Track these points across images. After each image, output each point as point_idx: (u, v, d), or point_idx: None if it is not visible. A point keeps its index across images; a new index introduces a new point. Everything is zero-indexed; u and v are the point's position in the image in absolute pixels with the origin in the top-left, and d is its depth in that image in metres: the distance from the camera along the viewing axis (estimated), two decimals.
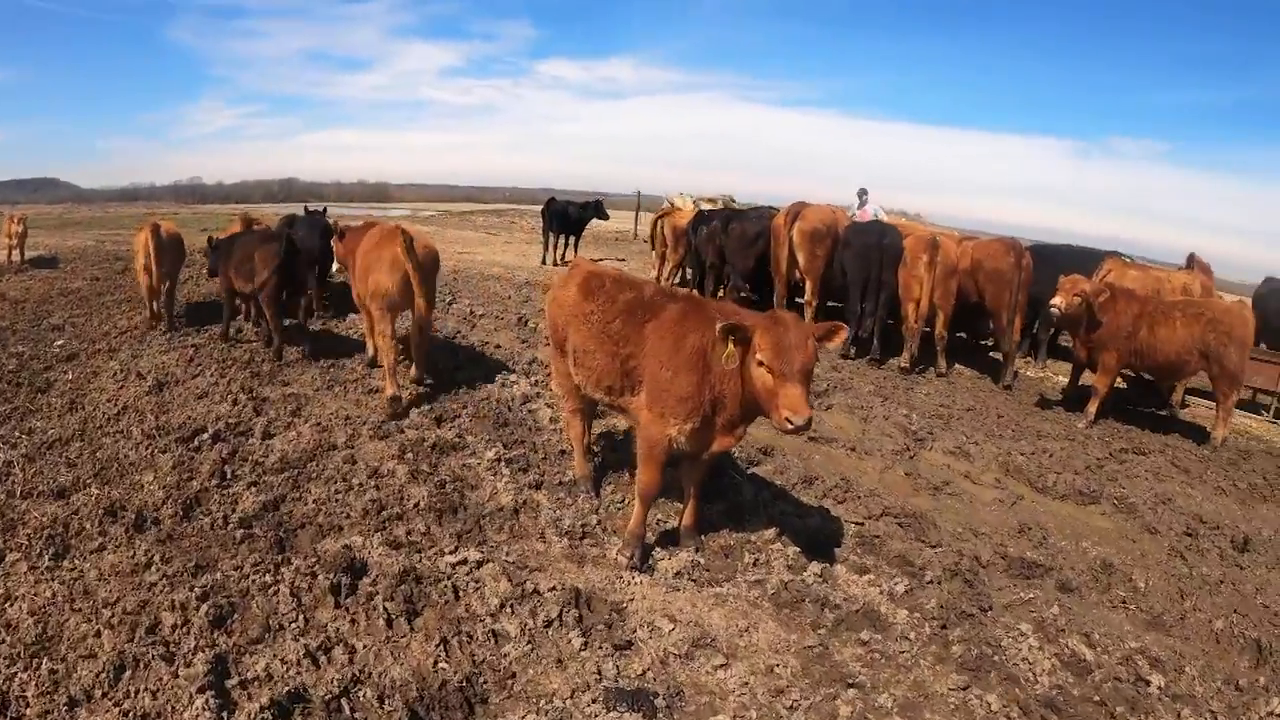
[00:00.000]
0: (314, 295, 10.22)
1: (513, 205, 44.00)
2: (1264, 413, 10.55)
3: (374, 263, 7.09)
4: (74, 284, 11.89)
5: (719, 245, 13.13)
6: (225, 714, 3.13)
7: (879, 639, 4.13)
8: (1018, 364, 11.04)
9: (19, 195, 47.11)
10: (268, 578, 4.08)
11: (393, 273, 6.92)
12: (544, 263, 17.59)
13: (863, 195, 14.94)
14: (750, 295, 12.86)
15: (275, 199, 47.04)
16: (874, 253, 10.64)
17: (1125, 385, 10.20)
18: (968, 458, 7.39)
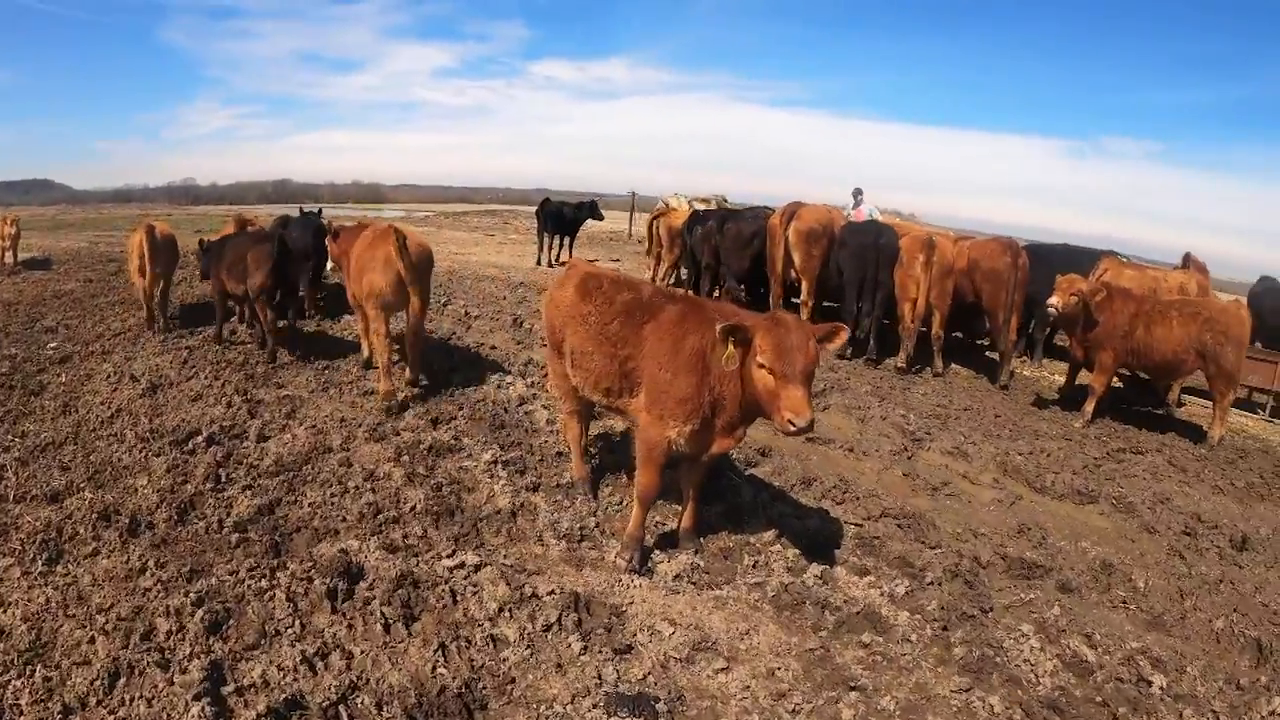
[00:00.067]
0: (308, 296, 10.17)
1: (507, 206, 43.93)
2: (1260, 411, 10.58)
3: (368, 262, 7.11)
4: (67, 286, 11.83)
5: (714, 245, 13.10)
6: None
7: (880, 641, 4.11)
8: (1014, 364, 11.04)
9: (12, 197, 46.85)
10: (263, 583, 4.04)
11: (386, 272, 6.94)
12: (539, 263, 17.55)
13: (858, 195, 14.93)
14: (740, 295, 12.83)
15: (269, 200, 46.87)
16: (870, 253, 10.64)
17: (1121, 384, 10.20)
18: (966, 458, 7.37)
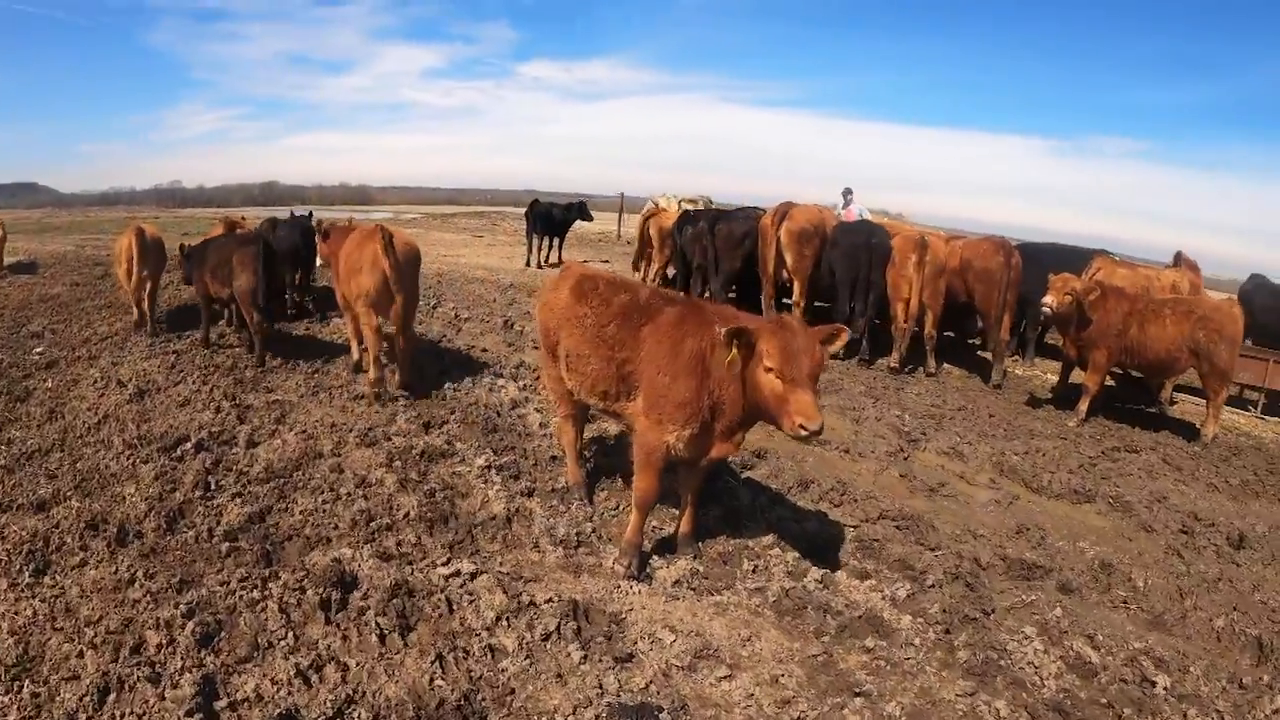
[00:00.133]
0: (290, 298, 10.07)
1: (495, 207, 43.75)
2: (1251, 408, 10.63)
3: (356, 262, 7.12)
4: (53, 290, 11.65)
5: (705, 246, 13.04)
6: None
7: (883, 646, 4.07)
8: (1006, 363, 11.04)
9: None
10: (255, 593, 3.96)
11: (373, 271, 6.95)
12: (528, 265, 17.46)
13: (847, 195, 14.93)
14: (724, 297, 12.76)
15: (256, 202, 46.49)
16: (862, 252, 10.61)
17: (1113, 383, 10.22)
18: (961, 458, 7.35)
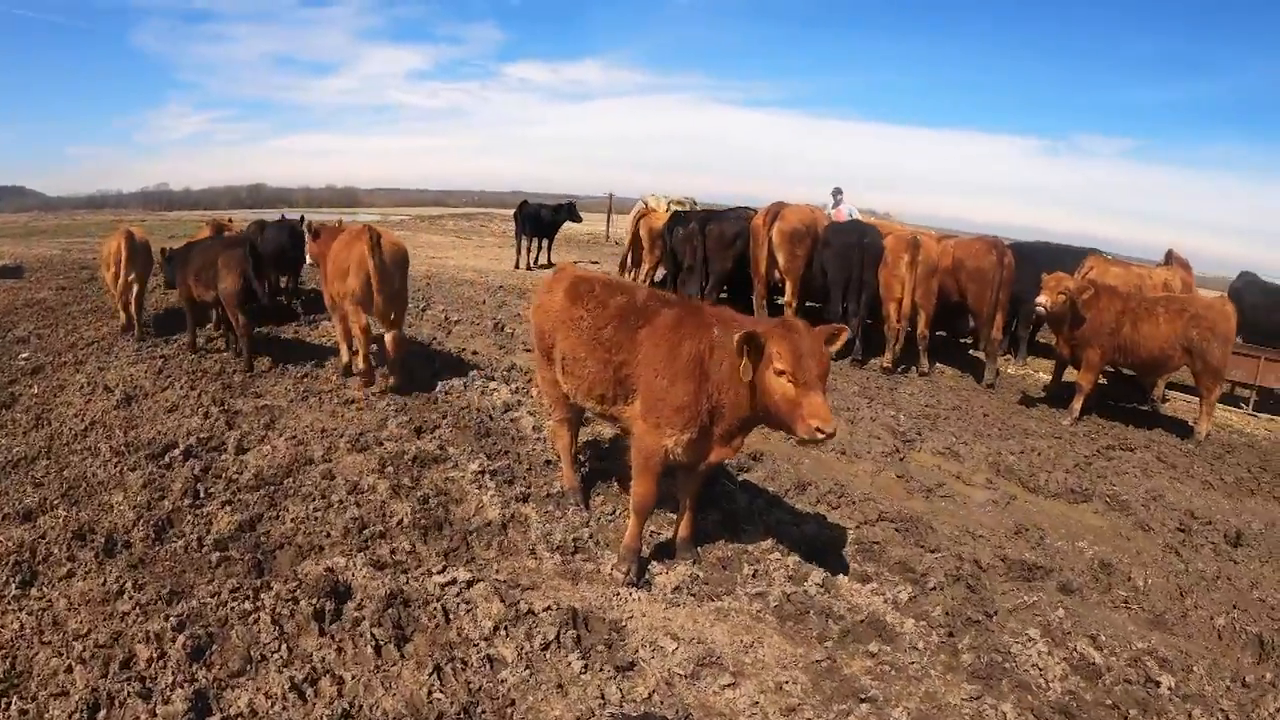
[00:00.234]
0: (269, 300, 9.92)
1: (482, 209, 43.60)
2: (1243, 405, 10.66)
3: (343, 262, 7.11)
4: (40, 294, 11.43)
5: (695, 246, 12.98)
6: None
7: (887, 650, 4.02)
8: (999, 362, 11.04)
9: None
10: (247, 604, 3.86)
11: (360, 271, 6.94)
12: (518, 266, 17.37)
13: (837, 195, 14.88)
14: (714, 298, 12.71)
15: (244, 205, 46.18)
16: (855, 252, 10.59)
17: (1106, 381, 10.23)
18: (958, 458, 7.32)
